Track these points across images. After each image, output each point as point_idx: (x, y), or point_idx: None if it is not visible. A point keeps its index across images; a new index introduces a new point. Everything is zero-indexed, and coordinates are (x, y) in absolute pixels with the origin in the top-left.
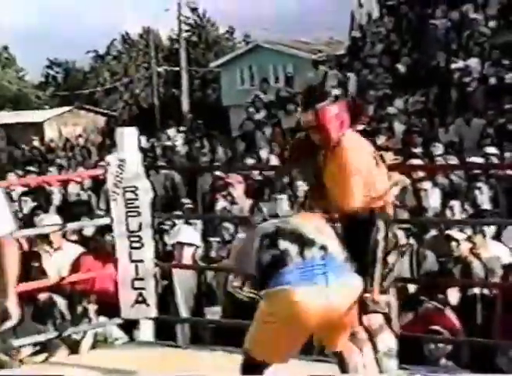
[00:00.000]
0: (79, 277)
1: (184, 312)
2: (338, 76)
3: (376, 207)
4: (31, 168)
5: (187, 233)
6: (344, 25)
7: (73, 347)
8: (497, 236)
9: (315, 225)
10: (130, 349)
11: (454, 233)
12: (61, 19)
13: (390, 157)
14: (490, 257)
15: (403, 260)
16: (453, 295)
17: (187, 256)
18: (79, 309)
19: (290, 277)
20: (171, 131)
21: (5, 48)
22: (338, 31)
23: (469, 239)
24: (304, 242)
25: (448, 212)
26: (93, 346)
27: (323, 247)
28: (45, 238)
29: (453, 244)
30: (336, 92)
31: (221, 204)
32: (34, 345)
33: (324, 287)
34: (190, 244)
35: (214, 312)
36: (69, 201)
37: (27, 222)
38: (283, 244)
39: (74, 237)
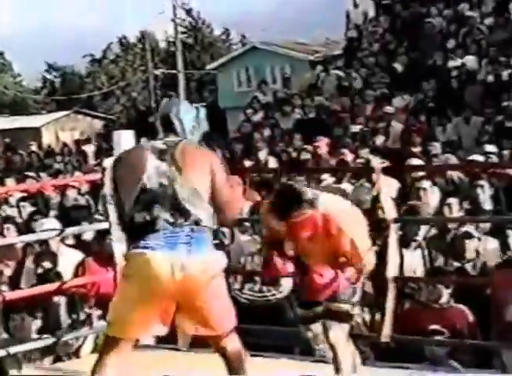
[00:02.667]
0: (81, 281)
1: None
2: (339, 75)
3: None
4: (29, 174)
5: None
6: (341, 25)
7: (75, 351)
8: (495, 233)
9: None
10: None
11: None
12: (57, 24)
13: (377, 161)
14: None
15: (415, 255)
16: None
17: None
18: (81, 313)
19: (153, 243)
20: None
21: (1, 53)
22: (335, 32)
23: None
24: (179, 211)
25: (446, 210)
26: (94, 350)
27: (196, 221)
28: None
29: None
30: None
31: None
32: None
33: (183, 257)
34: None
35: None
36: (66, 206)
37: (24, 227)
38: (157, 211)
39: (71, 242)
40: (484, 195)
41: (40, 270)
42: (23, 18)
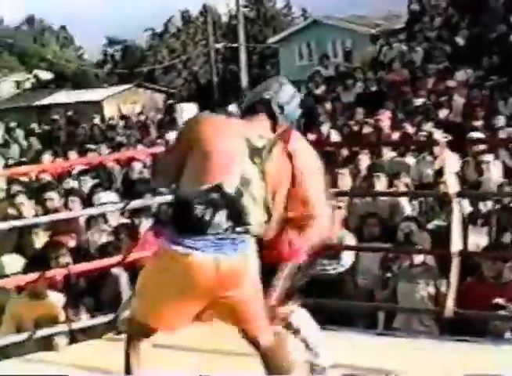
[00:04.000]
0: (142, 253)
1: None
2: (401, 49)
3: None
4: (91, 146)
5: None
6: None
7: None
8: None
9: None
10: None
11: None
12: None
13: (440, 134)
14: None
15: (482, 230)
16: None
17: None
18: None
19: (200, 244)
20: (232, 107)
21: (63, 27)
22: (396, 5)
23: None
24: (238, 218)
25: None
26: None
27: (249, 230)
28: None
29: None
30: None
31: None
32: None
33: (228, 254)
34: None
35: None
36: (132, 179)
37: (87, 200)
38: (220, 215)
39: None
40: None
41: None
42: None
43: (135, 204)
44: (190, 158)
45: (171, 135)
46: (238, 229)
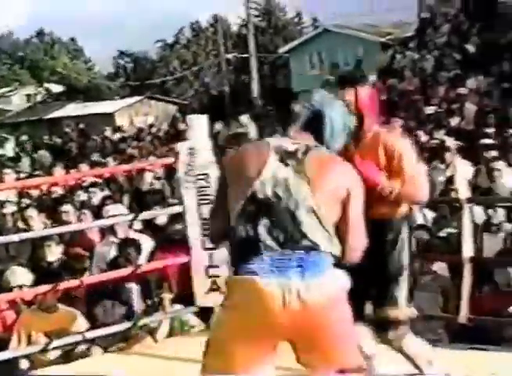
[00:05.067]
0: (154, 266)
1: None
2: (413, 57)
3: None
4: (96, 159)
5: None
6: (412, 6)
7: (150, 336)
8: None
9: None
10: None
11: None
12: (129, 9)
13: (452, 142)
14: None
15: (498, 237)
16: None
17: None
18: (155, 297)
19: (258, 267)
20: (244, 118)
21: (72, 39)
22: (406, 13)
23: None
24: (293, 231)
25: None
26: (170, 334)
27: (312, 246)
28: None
29: None
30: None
31: None
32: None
33: (298, 282)
34: None
35: None
36: (142, 190)
37: (97, 213)
38: (264, 228)
39: (139, 227)
40: None
41: (112, 255)
42: (95, 3)
43: (145, 215)
44: (229, 194)
45: (181, 146)
46: (298, 246)
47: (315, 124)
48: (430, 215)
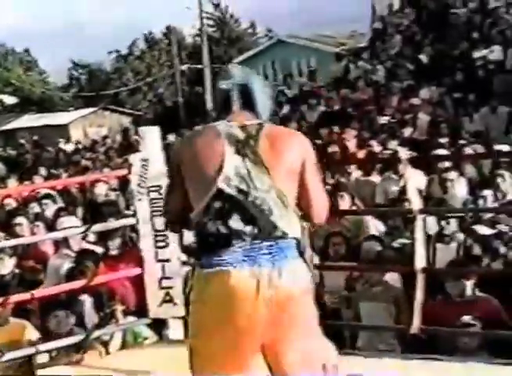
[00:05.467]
0: (106, 278)
1: None
2: (366, 67)
3: None
4: (54, 171)
5: None
6: (366, 17)
7: (103, 348)
8: None
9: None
10: (159, 348)
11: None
12: (83, 20)
13: (405, 152)
14: None
15: (450, 247)
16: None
17: None
18: (107, 309)
19: (230, 258)
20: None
21: (26, 51)
22: (360, 24)
23: None
24: (262, 223)
25: (481, 202)
26: (122, 346)
27: (281, 235)
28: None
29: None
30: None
31: None
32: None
33: (269, 270)
34: None
35: None
36: (97, 202)
37: (50, 225)
38: (235, 222)
39: (93, 239)
40: (505, 184)
41: (66, 268)
42: (48, 14)
43: (98, 227)
44: (187, 184)
45: (133, 158)
46: (269, 236)
47: (247, 99)
48: (382, 225)
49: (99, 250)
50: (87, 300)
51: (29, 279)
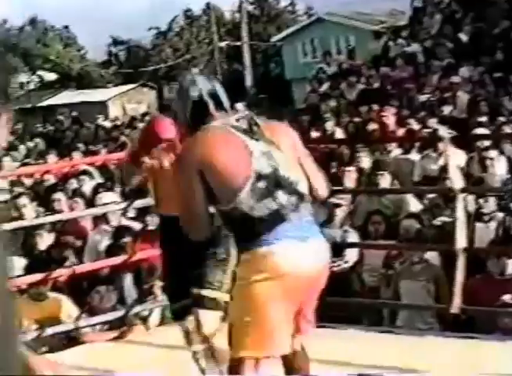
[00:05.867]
0: (144, 254)
1: None
2: (404, 46)
3: None
4: (93, 148)
5: None
6: None
7: (142, 324)
8: None
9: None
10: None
11: None
12: None
13: (445, 130)
14: None
15: (489, 226)
16: None
17: None
18: (145, 286)
19: (283, 235)
20: (239, 106)
21: (66, 27)
22: (400, 2)
23: None
24: (295, 193)
25: None
26: (161, 322)
27: (307, 196)
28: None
29: None
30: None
31: None
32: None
33: (315, 245)
34: None
35: None
36: None
37: (89, 201)
38: (282, 197)
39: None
40: None
41: (105, 244)
42: None
43: (138, 203)
44: (214, 184)
45: None
46: (302, 205)
47: (217, 101)
48: (422, 204)
49: (138, 226)
50: (127, 276)
51: (54, 256)
